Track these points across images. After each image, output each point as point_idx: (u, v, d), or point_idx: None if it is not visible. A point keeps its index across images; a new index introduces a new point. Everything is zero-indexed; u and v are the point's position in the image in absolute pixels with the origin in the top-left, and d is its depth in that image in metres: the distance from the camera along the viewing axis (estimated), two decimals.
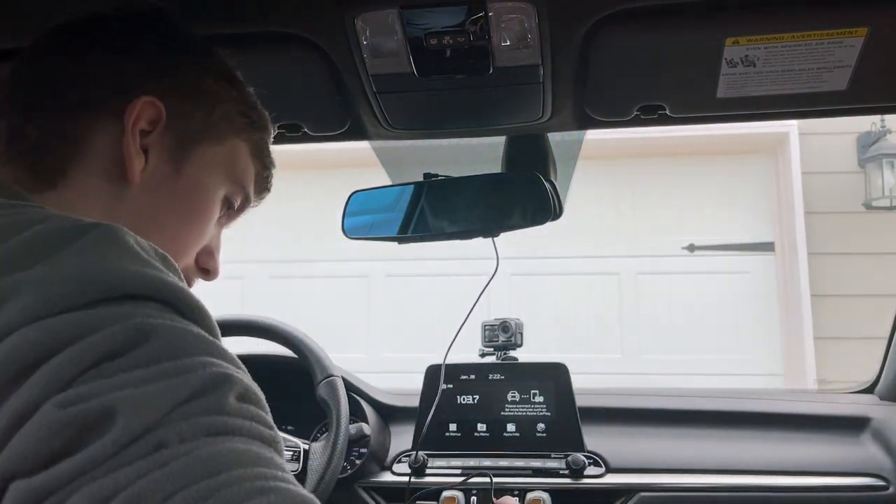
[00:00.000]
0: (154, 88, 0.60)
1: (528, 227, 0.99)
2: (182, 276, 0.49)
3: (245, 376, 0.43)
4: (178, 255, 0.64)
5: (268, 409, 0.44)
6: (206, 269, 0.70)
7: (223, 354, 0.43)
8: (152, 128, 0.60)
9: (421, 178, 1.04)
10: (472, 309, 1.20)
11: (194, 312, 0.45)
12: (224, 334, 1.38)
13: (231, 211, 0.70)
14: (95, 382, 0.37)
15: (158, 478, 0.34)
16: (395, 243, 1.08)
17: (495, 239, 1.03)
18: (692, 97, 0.83)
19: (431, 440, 1.30)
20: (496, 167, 1.05)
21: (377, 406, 1.40)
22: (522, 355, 1.41)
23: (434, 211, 1.03)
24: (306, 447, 1.19)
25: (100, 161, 0.59)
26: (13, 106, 0.61)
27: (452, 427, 1.32)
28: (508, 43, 0.74)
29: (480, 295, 1.18)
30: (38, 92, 0.60)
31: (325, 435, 1.20)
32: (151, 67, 0.62)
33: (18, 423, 0.36)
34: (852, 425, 1.30)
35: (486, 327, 1.41)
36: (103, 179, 0.59)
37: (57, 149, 0.58)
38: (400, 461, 1.31)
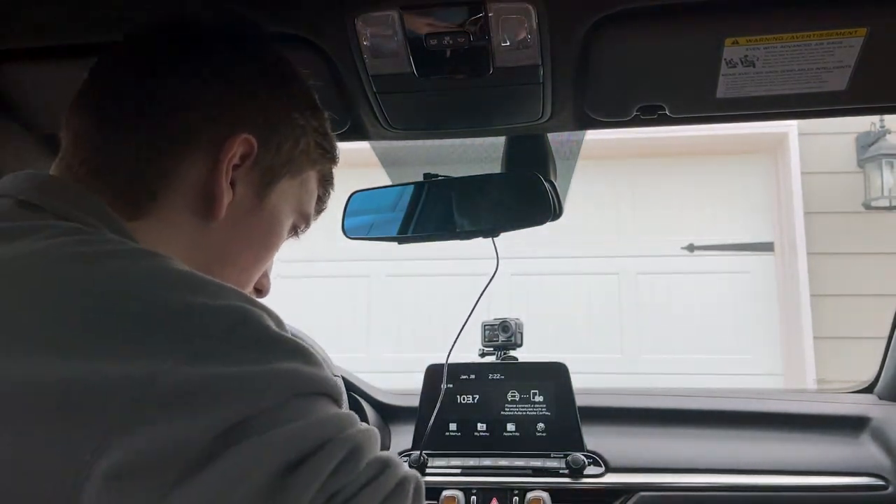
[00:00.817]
0: (250, 123, 0.60)
1: (528, 227, 0.99)
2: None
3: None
4: (246, 284, 0.66)
5: None
6: (260, 288, 0.72)
7: (378, 439, 0.50)
8: (242, 162, 0.60)
9: (421, 178, 1.04)
10: (473, 309, 1.20)
11: (342, 399, 0.49)
12: None
13: (294, 235, 0.72)
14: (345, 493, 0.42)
15: None
16: (395, 243, 1.08)
17: (495, 239, 1.03)
18: (692, 97, 0.84)
19: (431, 440, 1.30)
20: (496, 167, 1.05)
21: (377, 406, 1.40)
22: (522, 355, 1.41)
23: (434, 211, 1.03)
24: None
25: (189, 193, 0.58)
26: (101, 121, 0.59)
27: (452, 427, 1.32)
28: (508, 43, 0.74)
29: (481, 295, 1.18)
30: (136, 115, 0.58)
31: None
32: (249, 100, 0.61)
33: None
34: (852, 425, 1.30)
35: (486, 327, 1.42)
36: (190, 212, 0.58)
37: (151, 180, 0.57)
38: None
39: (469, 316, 1.22)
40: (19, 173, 0.56)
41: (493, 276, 1.14)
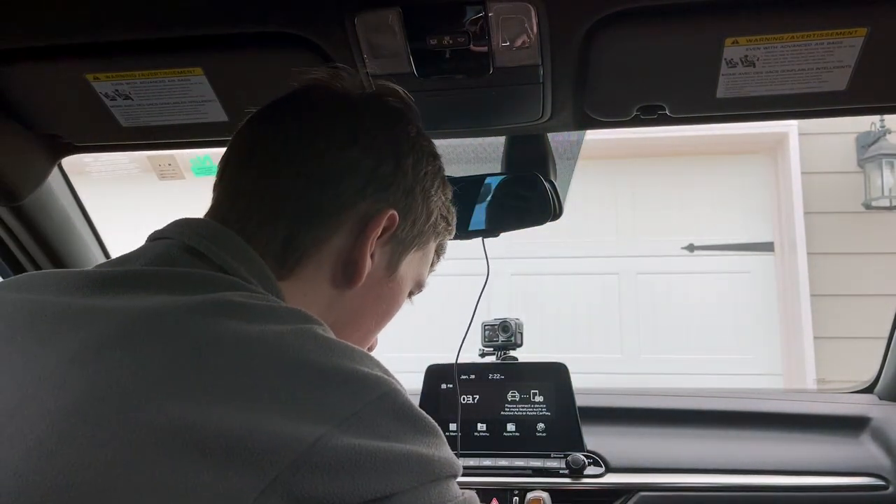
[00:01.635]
0: (393, 198, 0.64)
1: (528, 227, 0.99)
2: None
3: None
4: (365, 345, 0.70)
5: None
6: (371, 347, 0.75)
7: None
8: (382, 235, 0.63)
9: None
10: (475, 311, 1.20)
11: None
12: None
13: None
14: None
15: None
16: None
17: (494, 239, 1.03)
18: (692, 97, 0.84)
19: None
20: (496, 167, 1.05)
21: None
22: (522, 355, 1.41)
23: None
24: None
25: (332, 260, 0.62)
26: (261, 181, 0.62)
27: (452, 427, 1.32)
28: (508, 43, 0.74)
29: (479, 299, 1.18)
30: (295, 182, 0.61)
31: None
32: (395, 176, 0.64)
33: None
34: (852, 425, 1.30)
35: (486, 327, 1.42)
36: (331, 276, 0.62)
37: (304, 246, 0.60)
38: None
39: (472, 319, 1.22)
40: (186, 220, 0.61)
41: (486, 282, 1.14)
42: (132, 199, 4.07)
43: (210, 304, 0.49)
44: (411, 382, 1.44)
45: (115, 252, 1.41)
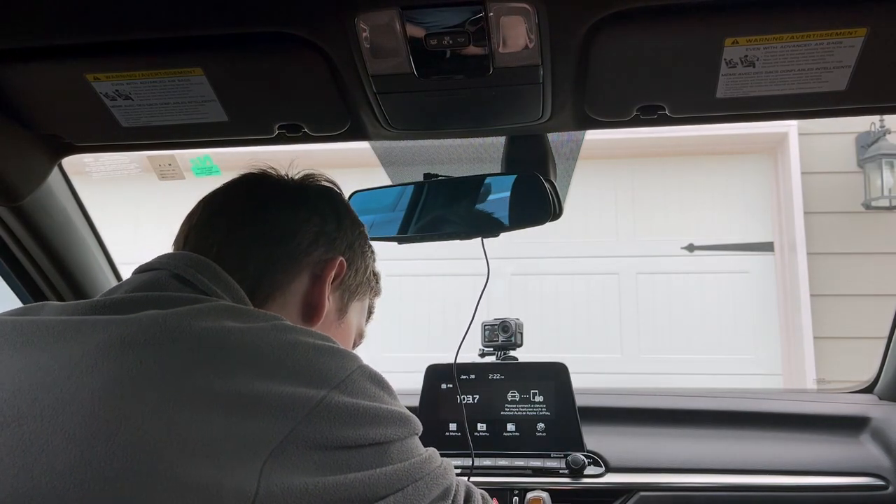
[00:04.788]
0: (341, 249, 0.78)
1: (528, 227, 0.99)
2: None
3: None
4: None
5: None
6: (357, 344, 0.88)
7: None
8: (333, 280, 0.76)
9: (421, 178, 1.04)
10: (475, 312, 1.20)
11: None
12: None
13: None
14: None
15: None
16: (395, 243, 1.08)
17: (494, 239, 1.03)
18: (692, 97, 0.84)
19: (431, 440, 1.30)
20: (496, 167, 1.05)
21: None
22: (522, 355, 1.41)
23: (434, 211, 1.03)
24: None
25: (295, 301, 0.74)
26: (229, 235, 0.73)
27: (452, 427, 1.32)
28: (508, 43, 0.74)
29: (479, 300, 1.18)
30: (256, 239, 0.73)
31: None
32: (340, 231, 0.78)
33: None
34: (852, 425, 1.30)
35: (486, 327, 1.42)
36: (296, 314, 0.74)
37: (268, 288, 0.72)
38: None
39: (473, 319, 1.22)
40: (172, 253, 0.71)
41: (486, 283, 1.14)
42: (132, 199, 4.07)
43: (205, 309, 0.59)
44: (412, 382, 1.44)
45: (116, 252, 1.42)
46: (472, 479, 1.23)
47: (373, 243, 0.88)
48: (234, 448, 0.48)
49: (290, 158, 0.85)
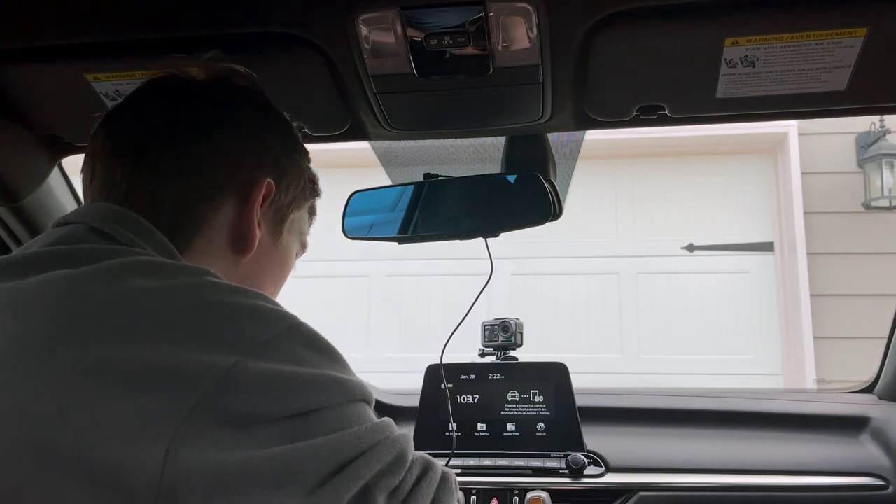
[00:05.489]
0: (267, 169, 0.69)
1: (528, 227, 0.99)
2: None
3: None
4: (280, 286, 0.77)
5: None
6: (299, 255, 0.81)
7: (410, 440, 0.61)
8: (263, 204, 0.68)
9: (421, 178, 1.04)
10: (468, 311, 1.20)
11: (373, 402, 0.58)
12: None
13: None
14: (421, 497, 0.56)
15: None
16: (395, 243, 1.08)
17: (494, 239, 1.03)
18: (692, 97, 0.84)
19: (431, 440, 1.30)
20: (496, 167, 1.05)
21: (377, 406, 1.40)
22: (522, 355, 1.41)
23: (434, 211, 1.03)
24: None
25: (223, 233, 0.66)
26: (141, 166, 0.64)
27: (452, 427, 1.32)
28: (508, 43, 0.74)
29: (477, 298, 1.17)
30: (174, 166, 0.65)
31: None
32: (263, 148, 0.69)
33: None
34: (851, 425, 1.30)
35: (486, 327, 1.42)
36: (226, 248, 0.67)
37: (192, 223, 0.65)
38: None
39: (463, 319, 1.21)
40: (90, 205, 0.64)
41: (488, 280, 1.14)
42: None
43: (115, 267, 0.53)
44: (412, 382, 1.44)
45: None
46: (473, 479, 1.23)
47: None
48: (137, 425, 0.44)
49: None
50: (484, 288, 1.16)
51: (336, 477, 0.48)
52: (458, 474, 1.26)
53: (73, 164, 1.17)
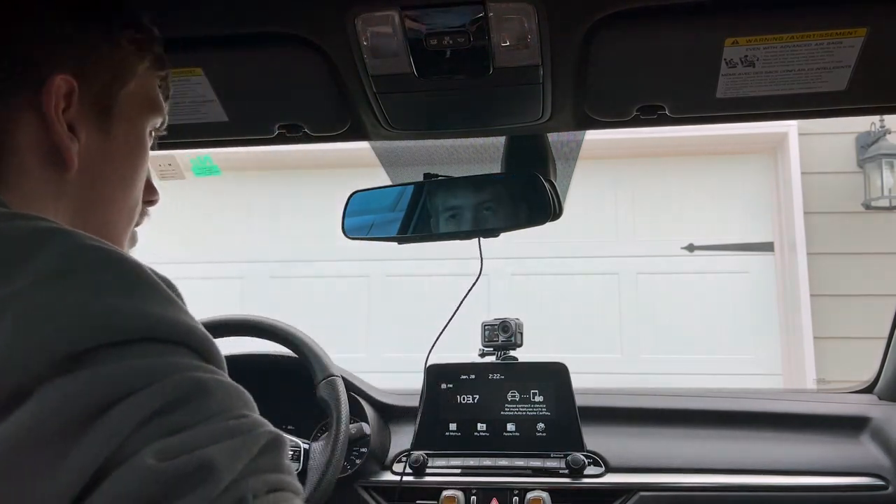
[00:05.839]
0: (59, 61, 0.55)
1: (528, 227, 0.99)
2: (185, 302, 0.48)
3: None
4: (132, 214, 0.63)
5: None
6: (149, 200, 0.67)
7: (255, 406, 0.45)
8: (69, 103, 0.55)
9: (421, 178, 1.04)
10: (456, 310, 1.20)
11: (215, 357, 0.46)
12: (224, 334, 1.38)
13: (157, 133, 0.66)
14: (179, 435, 0.38)
15: None
16: (395, 243, 1.08)
17: (495, 239, 1.03)
18: (692, 97, 0.84)
19: (431, 440, 1.30)
20: (496, 167, 1.05)
21: (377, 406, 1.40)
22: (522, 355, 1.41)
23: (434, 211, 1.03)
24: (307, 447, 1.19)
25: (32, 156, 0.54)
26: None
27: (452, 427, 1.32)
28: (508, 43, 0.74)
29: (464, 298, 1.17)
30: None
31: (325, 434, 1.20)
32: (51, 40, 0.56)
33: (101, 474, 0.36)
34: (852, 425, 1.30)
35: (486, 327, 1.42)
36: (45, 167, 0.55)
37: None
38: (400, 461, 1.31)
39: (450, 320, 1.22)
40: None
41: (477, 279, 1.14)
42: None
43: None
44: (412, 382, 1.44)
45: None
46: (473, 479, 1.23)
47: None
48: None
49: (289, 158, 0.83)
50: (472, 287, 1.16)
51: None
52: (458, 474, 1.26)
53: None
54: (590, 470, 1.23)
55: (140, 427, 0.37)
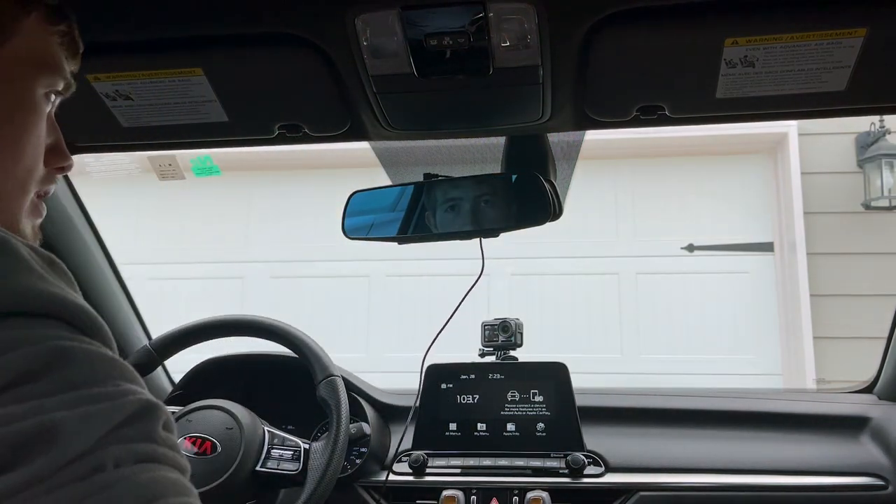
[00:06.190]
0: None
1: (528, 227, 0.99)
2: (72, 281, 0.46)
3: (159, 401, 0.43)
4: (25, 182, 0.57)
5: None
6: (59, 167, 0.62)
7: (136, 378, 0.43)
8: None
9: (421, 178, 1.04)
10: (455, 309, 1.20)
11: (96, 330, 0.43)
12: (225, 334, 1.38)
13: (60, 97, 0.61)
14: (29, 402, 0.36)
15: (96, 502, 0.34)
16: (395, 243, 1.09)
17: (494, 239, 1.03)
18: (691, 98, 0.84)
19: (431, 440, 1.30)
20: (496, 167, 1.05)
21: (377, 406, 1.40)
22: (522, 355, 1.41)
23: (434, 211, 1.03)
24: (307, 447, 1.19)
25: None
26: None
27: (452, 426, 1.32)
28: (508, 43, 0.74)
29: (465, 295, 1.17)
30: None
31: (325, 434, 1.20)
32: None
33: None
34: (851, 425, 1.30)
35: (486, 327, 1.41)
36: None
37: None
38: (400, 461, 1.31)
39: (450, 317, 1.21)
40: None
41: (477, 279, 1.14)
42: (133, 199, 4.07)
43: None
44: (412, 382, 1.44)
45: (116, 252, 1.42)
46: (473, 479, 1.23)
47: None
48: None
49: (289, 158, 0.83)
50: (472, 287, 1.16)
51: None
52: (458, 474, 1.26)
53: (74, 164, 1.17)
54: (590, 470, 1.23)
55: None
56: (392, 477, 1.28)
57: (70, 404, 0.37)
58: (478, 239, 1.04)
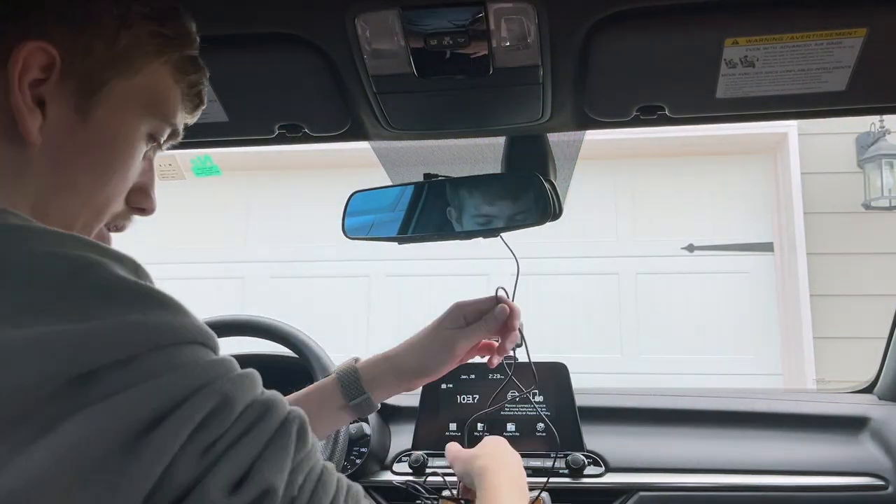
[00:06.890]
0: (40, 29, 0.52)
1: (528, 227, 0.99)
2: (153, 280, 0.48)
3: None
4: (95, 217, 0.58)
5: None
6: (140, 208, 0.63)
7: (254, 375, 0.49)
8: (46, 75, 0.52)
9: (421, 178, 1.04)
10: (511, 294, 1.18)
11: (215, 343, 0.48)
12: (225, 334, 1.38)
13: (158, 144, 0.62)
14: (238, 455, 0.43)
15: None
16: (395, 243, 1.08)
17: (495, 239, 1.03)
18: (691, 98, 0.84)
19: (431, 440, 1.30)
20: (496, 167, 1.05)
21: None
22: (522, 355, 1.41)
23: (434, 211, 1.03)
24: None
25: None
26: None
27: (452, 426, 1.32)
28: (508, 43, 0.74)
29: (514, 291, 1.16)
30: None
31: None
32: (35, 4, 0.52)
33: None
34: (851, 425, 1.30)
35: None
36: (3, 140, 0.52)
37: None
38: (400, 461, 1.31)
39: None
40: None
41: (517, 276, 1.12)
42: None
43: None
44: None
45: None
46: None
47: None
48: None
49: (289, 158, 0.82)
50: (516, 285, 1.14)
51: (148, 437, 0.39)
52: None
53: None
54: (590, 470, 1.23)
55: (184, 447, 0.41)
56: (392, 477, 1.28)
57: (259, 448, 0.45)
58: (477, 239, 1.04)
